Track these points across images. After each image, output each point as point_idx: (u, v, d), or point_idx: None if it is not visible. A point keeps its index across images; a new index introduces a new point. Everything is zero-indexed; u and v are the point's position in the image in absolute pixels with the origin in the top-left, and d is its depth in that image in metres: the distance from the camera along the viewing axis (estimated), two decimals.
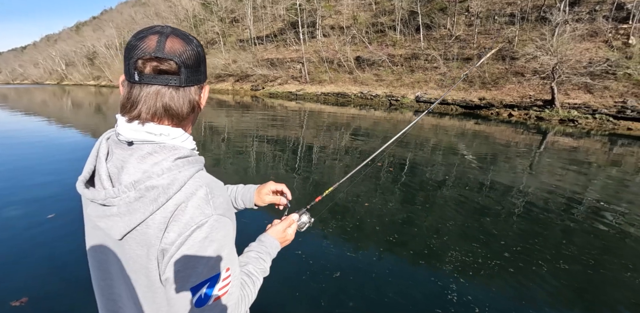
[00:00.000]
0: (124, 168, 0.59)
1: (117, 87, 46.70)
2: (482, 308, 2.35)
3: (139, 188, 0.56)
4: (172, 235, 0.56)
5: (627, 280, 2.75)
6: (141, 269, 0.60)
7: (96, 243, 0.66)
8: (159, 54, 0.56)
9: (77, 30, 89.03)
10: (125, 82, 0.60)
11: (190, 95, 0.62)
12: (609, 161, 7.25)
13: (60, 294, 2.41)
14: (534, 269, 2.86)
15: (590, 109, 13.20)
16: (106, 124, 11.45)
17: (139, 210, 0.56)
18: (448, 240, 3.35)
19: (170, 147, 0.61)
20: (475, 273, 2.80)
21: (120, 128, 0.61)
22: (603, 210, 4.25)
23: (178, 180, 0.58)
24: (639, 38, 14.97)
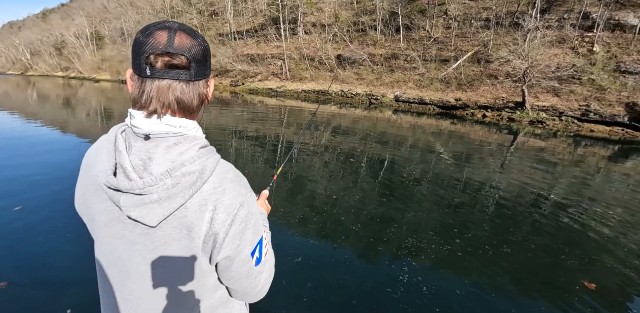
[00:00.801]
0: (152, 159, 0.62)
1: (88, 79, 44.57)
2: (456, 298, 2.45)
3: (175, 175, 0.60)
4: (221, 215, 0.63)
5: (587, 269, 2.94)
6: (178, 251, 0.65)
7: (113, 239, 0.67)
8: (170, 49, 0.58)
9: (43, 18, 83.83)
10: (135, 76, 0.62)
11: (199, 88, 0.66)
12: (573, 161, 7.70)
13: (39, 281, 2.47)
14: (504, 261, 3.00)
15: (557, 111, 13.94)
16: (75, 118, 10.91)
17: (178, 194, 0.60)
18: (424, 234, 3.45)
19: (192, 137, 0.66)
20: (450, 266, 2.90)
21: (137, 121, 0.62)
22: (567, 205, 4.52)
23: (208, 166, 0.64)
24: (602, 46, 15.94)
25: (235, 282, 0.72)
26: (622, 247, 3.41)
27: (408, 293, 2.50)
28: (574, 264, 3.03)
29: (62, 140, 7.35)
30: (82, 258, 2.69)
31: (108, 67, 45.99)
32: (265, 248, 0.75)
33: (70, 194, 0.75)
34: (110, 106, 15.31)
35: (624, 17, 15.96)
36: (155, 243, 0.64)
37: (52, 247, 2.89)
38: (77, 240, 2.98)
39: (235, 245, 0.66)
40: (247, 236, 0.68)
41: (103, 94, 22.55)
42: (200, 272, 0.68)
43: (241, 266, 0.69)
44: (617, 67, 14.57)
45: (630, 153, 9.22)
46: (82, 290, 2.31)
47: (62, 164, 5.24)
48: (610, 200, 4.89)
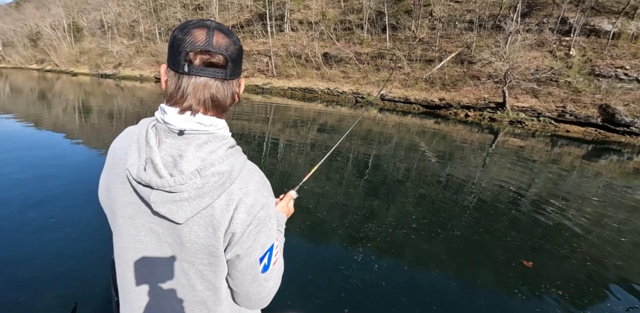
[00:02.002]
0: (182, 157, 0.62)
1: (65, 73, 42.86)
2: (439, 293, 2.53)
3: (205, 174, 0.61)
4: (242, 215, 0.64)
5: (563, 263, 3.09)
6: (202, 249, 0.65)
7: (139, 230, 0.68)
8: (209, 47, 0.59)
9: (17, 7, 79.85)
10: (171, 72, 0.63)
11: (233, 87, 0.67)
12: (550, 159, 8.01)
13: (32, 258, 2.62)
14: (484, 256, 3.11)
15: (535, 112, 14.43)
16: (51, 113, 10.50)
17: (208, 193, 0.61)
18: (407, 230, 3.53)
19: (221, 137, 0.66)
20: (433, 261, 2.99)
21: (170, 117, 0.63)
22: (543, 202, 4.71)
23: (236, 167, 0.64)
24: (578, 50, 16.59)
25: (239, 284, 0.71)
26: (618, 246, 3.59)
27: (391, 286, 2.55)
28: (552, 261, 3.17)
29: (36, 136, 7.08)
30: (90, 252, 2.71)
31: (87, 60, 44.28)
32: (275, 256, 0.74)
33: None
34: (89, 101, 14.80)
35: (599, 23, 16.65)
36: (182, 238, 0.65)
37: (56, 241, 2.86)
38: (81, 235, 2.96)
39: (247, 245, 0.66)
40: (261, 239, 0.68)
41: (81, 88, 21.76)
42: (222, 271, 0.69)
43: (248, 268, 0.69)
44: (592, 71, 15.20)
45: (603, 153, 9.67)
46: (88, 284, 2.33)
47: (37, 162, 5.05)
48: (587, 196, 5.13)
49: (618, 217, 4.35)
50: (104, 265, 2.47)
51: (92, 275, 2.41)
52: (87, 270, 2.47)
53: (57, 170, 4.66)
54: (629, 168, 7.79)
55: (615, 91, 13.82)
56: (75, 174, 4.56)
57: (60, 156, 5.48)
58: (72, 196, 3.80)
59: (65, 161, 5.18)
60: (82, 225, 3.14)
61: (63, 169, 4.74)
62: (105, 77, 35.08)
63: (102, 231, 2.99)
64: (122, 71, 37.05)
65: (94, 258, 2.62)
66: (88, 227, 3.09)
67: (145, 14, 43.30)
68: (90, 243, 2.83)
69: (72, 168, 4.82)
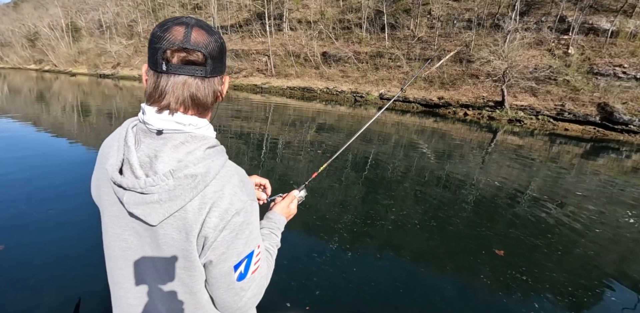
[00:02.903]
0: (157, 157, 0.60)
1: (63, 73, 42.75)
2: (438, 291, 2.54)
3: (178, 176, 0.59)
4: (214, 220, 0.61)
5: (561, 260, 3.11)
6: (178, 252, 0.64)
7: (123, 230, 0.67)
8: (187, 45, 0.58)
9: (15, 7, 79.61)
10: (151, 71, 0.61)
11: (215, 85, 0.65)
12: (549, 158, 8.03)
13: (33, 247, 2.74)
14: (484, 254, 3.12)
15: (534, 111, 14.45)
16: (49, 114, 10.48)
17: (179, 196, 0.59)
18: (407, 228, 3.54)
19: (201, 137, 0.64)
20: (432, 259, 3.00)
21: (148, 117, 0.61)
22: (542, 200, 4.73)
23: (213, 169, 0.62)
24: (577, 49, 16.60)
25: (215, 291, 0.69)
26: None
27: (389, 284, 2.57)
28: (549, 257, 3.19)
29: (35, 137, 7.07)
30: (92, 246, 2.70)
31: (85, 60, 44.19)
32: (255, 265, 0.70)
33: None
34: (87, 101, 14.78)
35: (597, 22, 16.66)
36: (158, 240, 0.64)
37: (59, 239, 2.90)
38: (85, 231, 3.00)
39: (220, 251, 0.63)
40: (236, 246, 0.65)
41: (80, 89, 21.71)
42: (200, 273, 0.67)
43: (222, 276, 0.66)
44: (590, 69, 15.22)
45: (601, 151, 9.70)
46: (93, 279, 2.35)
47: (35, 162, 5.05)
48: (586, 194, 5.14)
49: (617, 214, 4.37)
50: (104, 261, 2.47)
51: (96, 270, 2.42)
52: (90, 266, 2.48)
53: (56, 169, 4.67)
54: (628, 166, 7.81)
55: (614, 90, 13.84)
56: (75, 172, 4.56)
57: (58, 155, 5.48)
58: (71, 195, 3.80)
59: (64, 159, 5.18)
60: (84, 221, 3.14)
61: (62, 168, 4.75)
62: (104, 77, 35.00)
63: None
64: (121, 70, 36.98)
65: (96, 254, 2.63)
66: (90, 224, 3.09)
67: (143, 13, 43.19)
68: (92, 239, 2.84)
69: (71, 167, 4.82)
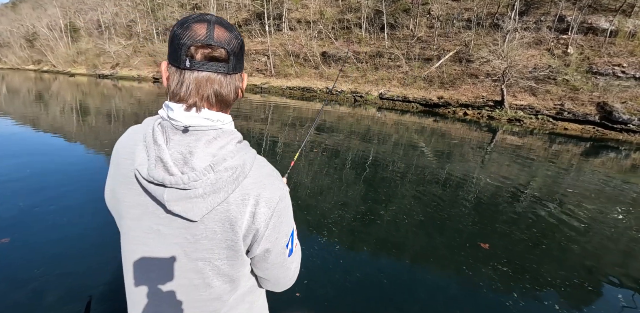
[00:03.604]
0: (192, 153, 0.61)
1: (62, 73, 42.63)
2: (440, 289, 2.54)
3: (218, 169, 0.60)
4: (263, 210, 0.65)
5: (560, 258, 3.11)
6: (220, 244, 0.65)
7: (146, 232, 0.66)
8: (210, 41, 0.58)
9: (13, 8, 79.46)
10: (172, 68, 0.62)
11: (236, 82, 0.66)
12: (548, 157, 8.03)
13: (38, 240, 2.84)
14: (484, 252, 3.13)
15: (534, 110, 14.47)
16: (48, 114, 10.47)
17: (222, 188, 0.61)
18: (407, 228, 3.54)
19: (229, 132, 0.66)
20: (432, 259, 3.00)
21: (176, 114, 0.62)
22: (542, 199, 4.73)
23: (247, 161, 0.64)
24: (576, 48, 16.63)
25: (269, 273, 0.74)
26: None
27: (392, 284, 2.56)
28: (549, 255, 3.19)
29: (34, 137, 7.06)
30: (104, 246, 2.73)
31: (84, 60, 44.12)
32: (295, 239, 0.78)
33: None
34: (87, 102, 14.75)
35: (596, 21, 16.69)
36: (196, 236, 0.64)
37: (69, 239, 2.90)
38: (98, 230, 3.01)
39: (274, 237, 0.68)
40: (283, 229, 0.70)
41: (79, 89, 21.68)
42: (240, 263, 0.70)
43: (277, 257, 0.71)
44: (590, 69, 15.24)
45: (601, 150, 9.71)
46: (103, 279, 2.35)
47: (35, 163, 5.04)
48: (585, 193, 5.15)
49: (616, 212, 4.37)
50: (116, 260, 2.48)
51: (107, 269, 2.43)
52: (101, 265, 2.48)
53: (59, 168, 4.66)
54: (627, 165, 7.82)
55: (613, 89, 13.87)
56: (81, 173, 4.56)
57: (58, 156, 5.48)
58: (75, 195, 3.80)
59: (65, 160, 5.18)
60: (93, 220, 3.13)
61: (64, 167, 4.74)
62: (103, 77, 34.96)
63: (114, 228, 2.99)
64: (120, 71, 36.93)
65: (106, 253, 2.62)
66: (100, 223, 3.09)
67: (142, 13, 43.13)
68: (100, 238, 2.84)
69: (76, 168, 4.82)
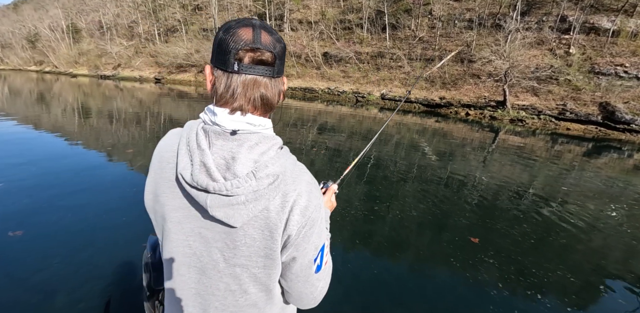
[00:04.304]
0: (236, 159, 0.61)
1: (64, 74, 42.72)
2: (446, 290, 2.54)
3: (260, 176, 0.60)
4: (297, 217, 0.64)
5: (563, 257, 3.10)
6: (258, 251, 0.65)
7: (188, 235, 0.66)
8: (258, 45, 0.59)
9: (15, 9, 79.77)
10: (219, 72, 0.62)
11: (279, 85, 0.67)
12: (550, 157, 8.02)
13: (50, 234, 2.98)
14: (485, 254, 3.12)
15: (536, 110, 14.44)
16: (50, 115, 10.50)
17: (264, 196, 0.60)
18: (412, 227, 3.54)
19: (271, 137, 0.66)
20: (438, 258, 3.00)
21: (220, 118, 0.62)
22: (544, 200, 4.72)
23: (288, 168, 0.64)
24: (578, 48, 16.60)
25: (292, 285, 0.72)
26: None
27: (400, 285, 2.56)
28: (552, 256, 3.18)
29: (36, 138, 7.08)
30: (122, 246, 2.71)
31: (86, 61, 44.24)
32: (327, 256, 0.75)
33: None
34: (88, 103, 14.79)
35: (599, 21, 16.66)
36: (236, 242, 0.64)
37: (86, 238, 2.91)
38: (112, 230, 3.02)
39: (302, 247, 0.67)
40: (314, 240, 0.68)
41: (80, 90, 21.74)
42: (277, 273, 0.69)
43: (302, 270, 0.69)
44: (592, 69, 15.21)
45: (603, 150, 9.69)
46: (124, 278, 2.38)
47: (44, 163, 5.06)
48: (587, 193, 5.14)
49: (618, 213, 4.36)
50: (131, 260, 2.48)
51: (126, 270, 2.44)
52: (120, 266, 2.50)
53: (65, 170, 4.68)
54: (629, 165, 7.80)
55: (615, 89, 13.83)
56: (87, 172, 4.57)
57: (62, 154, 5.50)
58: (86, 195, 3.81)
59: (75, 160, 5.20)
60: (105, 221, 3.15)
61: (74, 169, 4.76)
62: (105, 78, 35.04)
63: (128, 228, 3.00)
64: (122, 72, 37.02)
65: (126, 254, 2.63)
66: (109, 224, 3.10)
67: (144, 14, 43.21)
68: (113, 238, 2.84)
69: (83, 167, 4.84)
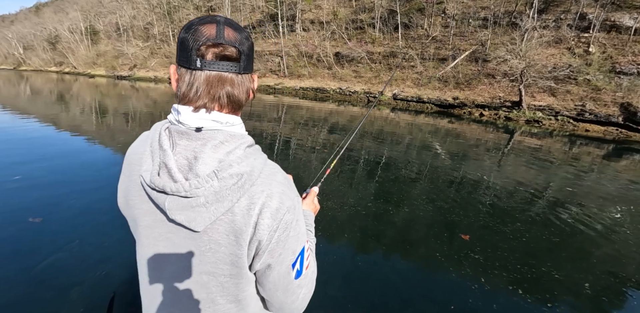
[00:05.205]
0: (198, 159, 0.58)
1: (82, 75, 43.91)
2: (455, 293, 2.48)
3: (222, 176, 0.56)
4: (267, 221, 0.59)
5: (579, 264, 3.00)
6: (224, 258, 0.61)
7: (157, 240, 0.64)
8: (221, 40, 0.57)
9: (36, 12, 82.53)
10: (182, 70, 0.60)
11: (247, 82, 0.64)
12: (568, 160, 7.78)
13: (68, 221, 3.19)
14: (495, 258, 3.04)
15: (553, 111, 14.06)
16: (69, 115, 10.80)
17: (226, 197, 0.57)
18: (421, 229, 3.48)
19: (239, 135, 0.62)
20: (448, 261, 2.94)
21: (184, 117, 0.60)
22: (560, 204, 4.58)
23: (256, 167, 0.60)
24: (598, 47, 16.08)
25: (272, 294, 0.67)
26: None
27: (409, 287, 2.52)
28: (565, 263, 3.08)
29: (55, 136, 7.28)
30: (126, 241, 2.76)
31: (103, 62, 45.43)
32: (307, 260, 0.70)
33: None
34: (105, 102, 15.15)
35: (620, 19, 16.10)
36: (200, 248, 0.61)
37: (95, 232, 3.01)
38: (122, 227, 3.09)
39: (277, 253, 0.62)
40: (290, 245, 0.64)
41: (98, 90, 22.30)
42: (245, 282, 0.66)
43: (280, 277, 0.65)
44: (613, 68, 14.70)
45: (624, 153, 9.35)
46: (128, 274, 2.42)
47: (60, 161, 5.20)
48: (607, 197, 4.96)
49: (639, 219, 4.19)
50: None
51: (131, 266, 2.47)
52: (125, 262, 2.54)
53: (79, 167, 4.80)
54: None
55: (638, 89, 13.32)
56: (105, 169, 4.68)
57: (80, 150, 5.64)
58: (104, 191, 3.89)
59: (96, 156, 5.33)
60: (121, 216, 3.21)
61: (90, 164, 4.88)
62: (121, 78, 35.87)
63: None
64: (137, 72, 37.84)
65: (131, 250, 2.68)
66: (125, 219, 3.16)
67: (159, 16, 44.05)
68: (126, 234, 2.90)
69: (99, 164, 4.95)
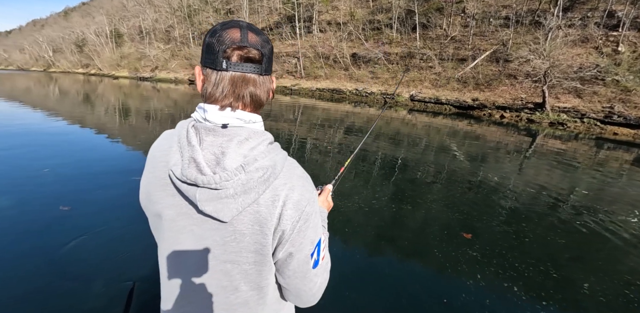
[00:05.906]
0: (225, 154, 0.62)
1: (107, 76, 45.55)
2: (473, 300, 2.42)
3: (249, 169, 0.61)
4: (290, 212, 0.64)
5: (605, 274, 2.86)
6: (248, 247, 0.65)
7: (180, 233, 0.67)
8: (245, 43, 0.62)
9: (65, 16, 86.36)
10: (208, 70, 0.65)
11: (268, 83, 0.69)
12: (594, 164, 7.45)
13: (96, 211, 3.39)
14: (517, 265, 2.94)
15: (579, 113, 13.51)
16: (94, 114, 11.20)
17: (253, 189, 0.61)
18: (433, 234, 3.41)
19: (261, 132, 0.67)
20: (461, 268, 2.86)
21: (210, 115, 0.64)
22: (585, 210, 4.38)
23: (278, 162, 0.65)
24: (628, 46, 15.35)
25: (290, 282, 0.72)
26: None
27: (427, 291, 2.48)
28: (589, 272, 2.94)
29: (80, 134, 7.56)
30: (147, 233, 2.86)
31: (126, 64, 47.04)
32: (323, 251, 0.75)
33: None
34: (128, 103, 15.64)
35: None
36: (225, 238, 0.65)
37: (117, 226, 3.14)
38: (142, 220, 3.18)
39: (298, 242, 0.67)
40: (309, 234, 0.68)
41: (121, 91, 23.07)
42: (267, 270, 0.69)
43: (300, 265, 0.69)
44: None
45: None
46: (148, 264, 2.50)
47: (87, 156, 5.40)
48: (635, 203, 4.72)
49: None
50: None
51: (151, 256, 2.54)
52: (145, 251, 2.62)
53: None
54: None
55: None
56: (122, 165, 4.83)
57: (113, 149, 5.85)
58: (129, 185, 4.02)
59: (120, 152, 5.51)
60: (137, 209, 3.31)
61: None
62: (143, 80, 37.01)
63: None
64: (159, 74, 38.95)
65: (151, 240, 2.74)
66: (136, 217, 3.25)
67: (180, 19, 45.21)
68: (146, 225, 2.97)
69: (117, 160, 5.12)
